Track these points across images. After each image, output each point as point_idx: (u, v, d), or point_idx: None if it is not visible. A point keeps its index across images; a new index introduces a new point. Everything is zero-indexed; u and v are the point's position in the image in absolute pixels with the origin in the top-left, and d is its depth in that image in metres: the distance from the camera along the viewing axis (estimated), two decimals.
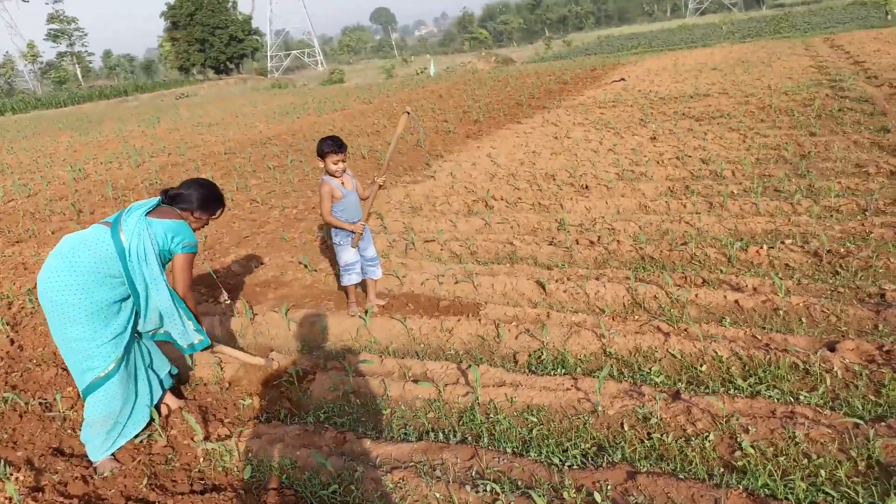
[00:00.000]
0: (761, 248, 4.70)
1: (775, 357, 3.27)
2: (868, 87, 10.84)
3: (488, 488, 2.58)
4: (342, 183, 4.28)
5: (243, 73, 74.23)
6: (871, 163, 6.49)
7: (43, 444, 3.31)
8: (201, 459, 3.09)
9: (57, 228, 8.02)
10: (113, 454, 3.09)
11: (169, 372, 3.46)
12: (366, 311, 4.39)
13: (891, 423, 2.67)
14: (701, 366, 3.36)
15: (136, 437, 3.19)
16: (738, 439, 2.73)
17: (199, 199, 3.24)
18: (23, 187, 11.34)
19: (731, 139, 8.45)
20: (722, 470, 2.62)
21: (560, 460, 2.80)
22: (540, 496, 2.43)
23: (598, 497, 2.46)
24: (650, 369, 3.41)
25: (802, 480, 2.48)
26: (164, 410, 3.44)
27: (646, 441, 2.84)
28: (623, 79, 17.57)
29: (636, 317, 4.02)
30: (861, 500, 2.34)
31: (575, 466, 2.74)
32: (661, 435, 2.84)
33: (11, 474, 2.95)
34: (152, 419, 3.23)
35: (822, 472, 2.50)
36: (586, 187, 7.11)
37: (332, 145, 4.14)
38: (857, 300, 3.86)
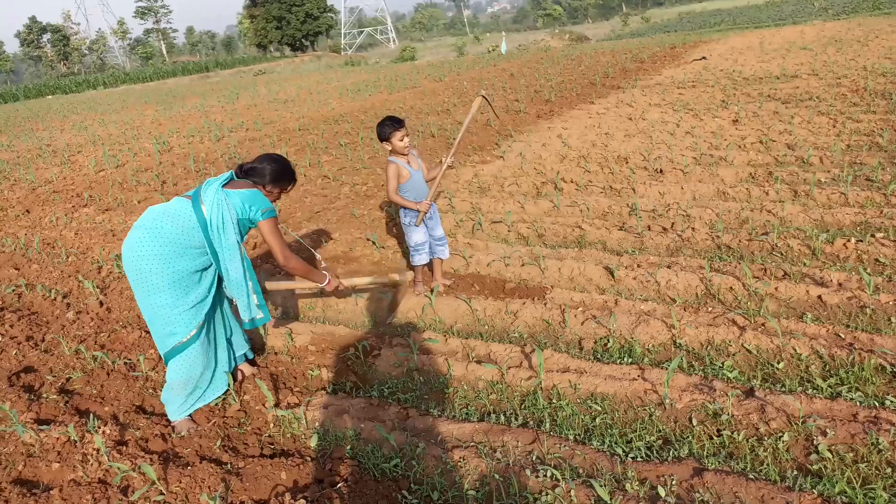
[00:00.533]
0: (849, 241, 4.43)
1: (860, 358, 3.09)
2: None
3: (549, 474, 2.57)
4: (408, 162, 4.30)
5: (318, 51, 75.59)
6: None
7: (127, 402, 3.52)
8: (271, 425, 3.21)
9: (143, 199, 8.44)
10: (190, 415, 3.26)
11: (244, 354, 3.62)
12: (431, 290, 4.43)
13: None
14: (778, 363, 3.21)
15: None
16: (815, 442, 2.60)
17: (271, 173, 3.33)
18: (112, 158, 11.99)
19: (820, 124, 7.97)
20: (795, 473, 2.51)
21: (623, 451, 2.75)
22: (601, 486, 2.40)
23: (661, 491, 2.42)
24: (723, 363, 3.29)
25: (885, 490, 2.35)
26: (238, 376, 3.60)
27: (715, 438, 2.75)
28: (704, 57, 16.82)
29: (709, 308, 3.88)
30: None
31: (639, 459, 2.69)
32: (732, 432, 2.74)
33: (99, 427, 3.16)
34: (228, 385, 3.38)
35: None
36: (661, 171, 6.88)
37: (392, 124, 4.16)
38: None
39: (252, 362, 3.78)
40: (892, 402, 2.83)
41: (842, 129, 7.55)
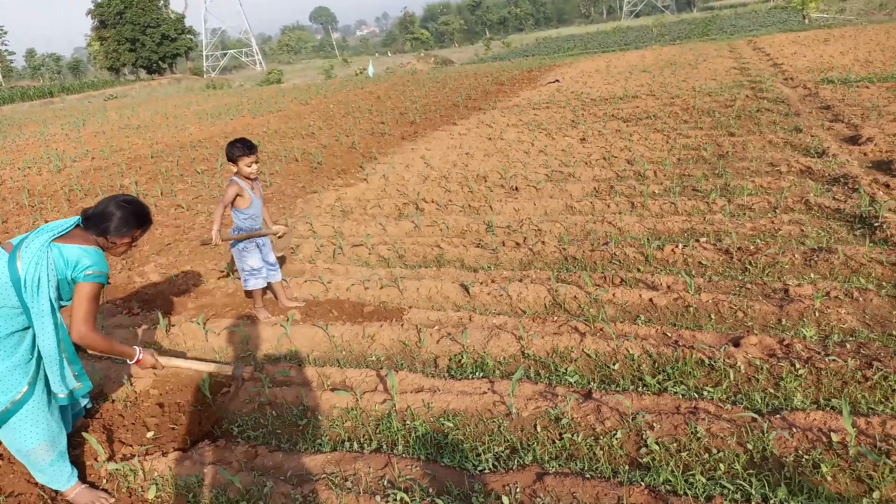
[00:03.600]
0: (677, 246, 4.85)
1: (683, 354, 3.37)
2: (784, 89, 11.37)
3: (398, 497, 2.56)
4: (251, 188, 4.20)
5: (177, 73, 72.08)
6: (784, 162, 6.80)
7: None
8: (104, 481, 2.95)
9: None
10: (85, 481, 2.94)
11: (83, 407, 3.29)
12: (287, 319, 4.31)
13: (785, 416, 2.78)
14: (614, 364, 3.43)
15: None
16: (644, 436, 2.79)
17: (115, 219, 2.81)
18: None
19: (656, 140, 8.70)
20: (627, 467, 2.67)
21: (473, 465, 2.80)
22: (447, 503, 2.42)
23: (506, 500, 2.48)
24: (566, 370, 3.46)
25: (702, 475, 2.56)
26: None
27: (557, 442, 2.88)
28: (557, 80, 17.88)
29: (555, 318, 4.08)
30: (753, 492, 2.43)
31: (486, 471, 2.75)
32: (572, 435, 2.88)
33: None
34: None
35: (721, 465, 2.59)
36: (516, 188, 7.18)
37: (243, 148, 4.05)
38: (762, 296, 4.03)
39: (87, 413, 3.46)
40: (709, 391, 3.10)
41: (673, 145, 8.30)
